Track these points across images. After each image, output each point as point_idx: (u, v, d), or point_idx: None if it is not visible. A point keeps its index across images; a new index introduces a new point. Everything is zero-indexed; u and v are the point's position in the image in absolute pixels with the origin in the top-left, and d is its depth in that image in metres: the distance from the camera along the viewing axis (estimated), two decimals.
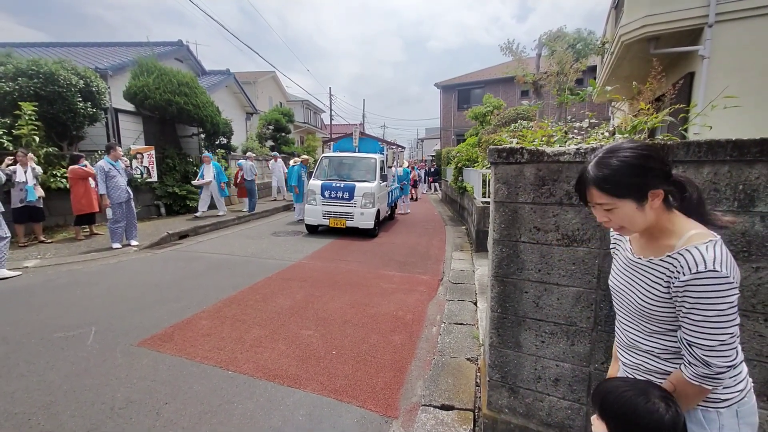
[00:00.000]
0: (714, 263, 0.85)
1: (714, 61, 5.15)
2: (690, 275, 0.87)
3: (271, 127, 18.44)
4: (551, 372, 1.83)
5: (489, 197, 2.34)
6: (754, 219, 1.38)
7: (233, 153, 12.90)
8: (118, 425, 2.09)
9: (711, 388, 0.91)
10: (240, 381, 2.53)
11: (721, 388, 0.94)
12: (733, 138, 1.38)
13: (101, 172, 5.97)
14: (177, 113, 9.38)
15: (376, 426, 2.15)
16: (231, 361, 2.77)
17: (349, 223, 7.43)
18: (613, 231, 1.19)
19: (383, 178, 8.39)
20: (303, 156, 10.72)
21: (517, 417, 1.94)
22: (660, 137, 1.84)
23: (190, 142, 11.27)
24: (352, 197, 7.39)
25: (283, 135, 18.72)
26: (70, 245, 6.29)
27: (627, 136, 2.05)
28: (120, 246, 6.21)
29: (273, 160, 13.82)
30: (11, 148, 6.32)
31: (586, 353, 1.75)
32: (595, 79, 9.68)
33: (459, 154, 10.39)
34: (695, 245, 0.89)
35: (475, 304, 3.93)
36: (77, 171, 6.32)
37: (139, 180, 8.58)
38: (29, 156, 5.99)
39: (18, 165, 5.83)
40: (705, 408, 0.96)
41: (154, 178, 9.04)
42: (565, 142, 2.21)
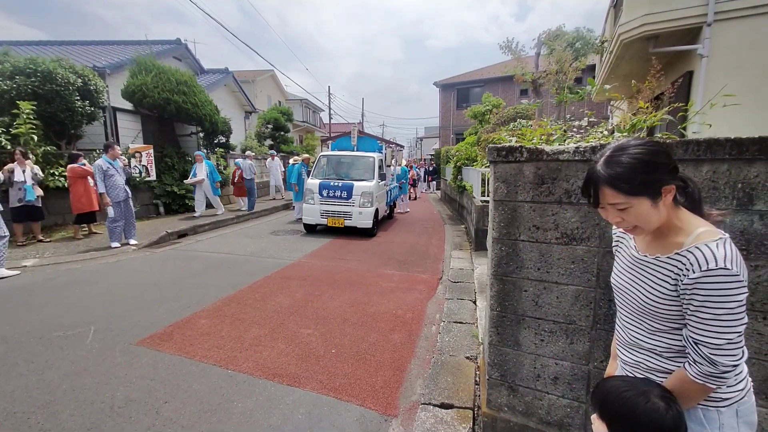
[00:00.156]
0: (725, 261, 0.84)
1: (713, 60, 5.16)
2: (700, 273, 0.86)
3: (270, 126, 18.42)
4: (550, 370, 1.84)
5: (488, 196, 2.35)
6: (752, 217, 1.39)
7: (232, 152, 12.87)
8: (117, 424, 2.10)
9: (715, 387, 0.90)
10: (239, 380, 2.54)
11: (724, 386, 0.93)
12: (732, 137, 1.38)
13: (99, 171, 5.96)
14: (175, 112, 9.36)
15: (375, 424, 2.15)
16: (230, 360, 2.77)
17: (348, 223, 7.40)
18: (616, 228, 1.17)
19: (382, 177, 8.35)
20: (304, 155, 10.71)
21: (517, 415, 1.95)
22: (659, 136, 1.84)
23: (188, 140, 11.25)
24: (350, 196, 7.36)
25: (282, 134, 18.70)
26: (68, 244, 6.29)
27: (626, 134, 2.05)
28: (119, 245, 6.20)
29: (270, 158, 13.78)
30: (9, 147, 6.30)
31: (585, 352, 1.75)
32: (594, 78, 9.69)
33: (458, 152, 10.38)
34: (705, 243, 0.88)
35: (475, 302, 3.93)
36: (76, 170, 6.30)
37: (138, 179, 8.56)
38: (27, 162, 5.98)
39: (16, 164, 5.82)
40: (705, 407, 0.95)
41: (152, 177, 9.03)
42: (564, 140, 2.21)
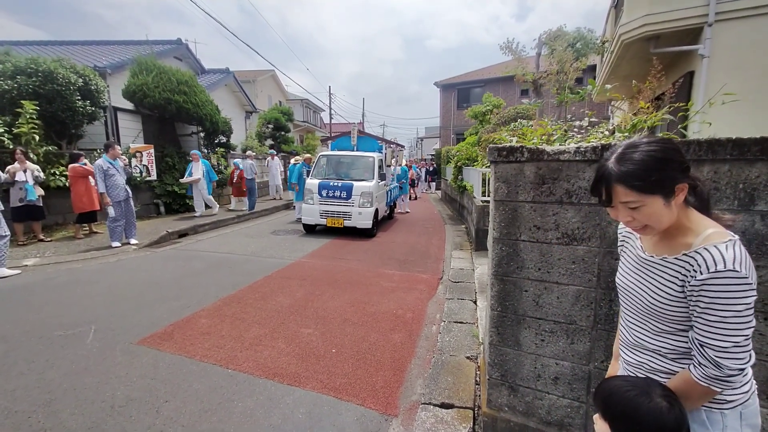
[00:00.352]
0: (734, 263, 0.83)
1: (714, 61, 5.15)
2: (708, 274, 0.85)
3: (271, 126, 18.41)
4: (551, 370, 1.84)
5: (489, 196, 2.34)
6: (754, 218, 1.39)
7: (233, 152, 12.87)
8: (118, 423, 2.10)
9: (719, 390, 0.89)
10: (240, 379, 2.54)
11: (727, 389, 0.92)
12: (734, 137, 1.38)
13: (100, 170, 5.96)
14: (176, 112, 9.37)
15: (375, 424, 2.15)
16: (231, 360, 2.77)
17: (347, 223, 7.37)
18: (621, 227, 1.16)
19: (382, 177, 8.33)
20: (305, 155, 10.68)
21: (517, 415, 1.94)
22: (660, 136, 1.83)
23: (189, 140, 11.25)
24: (349, 196, 7.33)
25: (283, 134, 18.70)
26: (69, 244, 6.29)
27: (627, 134, 2.05)
28: (119, 245, 6.21)
29: (270, 158, 13.75)
30: (11, 146, 6.31)
31: (585, 352, 1.75)
32: (595, 78, 9.68)
33: (459, 153, 10.38)
34: (714, 244, 0.87)
35: (475, 302, 3.93)
36: (77, 169, 6.31)
37: (138, 179, 8.57)
38: (28, 163, 5.99)
39: (17, 164, 5.83)
40: (709, 409, 0.94)
41: (153, 176, 9.04)
42: (565, 140, 2.21)
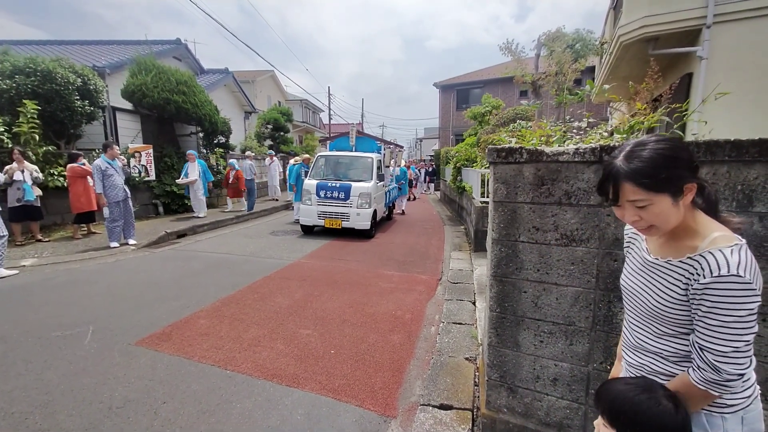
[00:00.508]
0: (738, 268, 0.82)
1: (712, 62, 5.17)
2: (711, 278, 0.84)
3: (270, 126, 18.41)
4: (550, 372, 1.84)
5: (488, 197, 2.35)
6: (752, 219, 1.39)
7: (232, 152, 12.86)
8: (115, 424, 2.09)
9: (717, 394, 0.89)
10: (238, 380, 2.53)
11: (728, 393, 0.91)
12: (732, 138, 1.38)
13: (98, 170, 5.95)
14: (175, 112, 9.35)
15: (374, 425, 2.15)
16: (229, 361, 2.77)
17: (345, 224, 7.34)
18: (628, 228, 1.15)
19: (380, 177, 8.31)
20: (304, 155, 10.67)
21: (516, 416, 1.94)
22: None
23: (188, 140, 11.23)
24: (348, 197, 7.29)
25: (282, 134, 18.69)
26: (67, 244, 6.28)
27: (625, 135, 2.06)
28: (118, 245, 6.19)
29: (269, 158, 13.74)
30: (10, 146, 6.29)
31: (584, 353, 1.75)
32: (594, 80, 9.70)
33: (458, 153, 10.39)
34: (719, 248, 0.86)
35: (474, 303, 3.93)
36: (76, 169, 6.29)
37: (137, 179, 8.55)
38: (26, 163, 5.98)
39: (14, 164, 5.81)
40: (710, 412, 0.93)
41: (152, 176, 9.02)
42: (564, 141, 2.21)
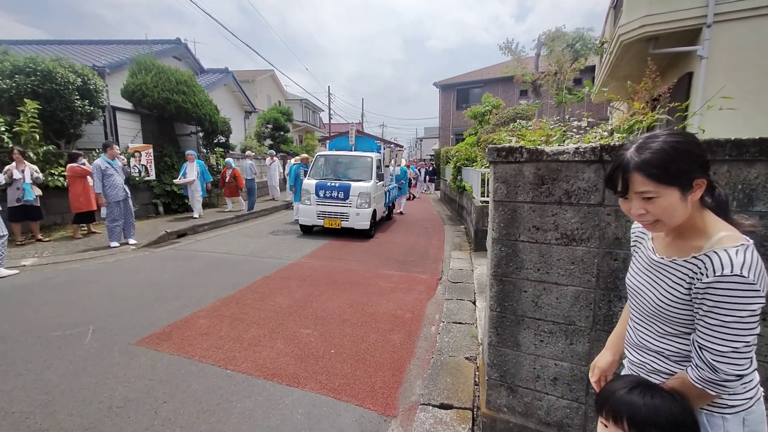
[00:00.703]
0: (741, 268, 0.81)
1: (712, 62, 5.17)
2: (713, 278, 0.83)
3: (270, 126, 18.41)
4: (550, 371, 1.83)
5: (488, 196, 2.35)
6: (752, 218, 1.39)
7: (231, 152, 12.85)
8: (116, 424, 2.09)
9: (714, 394, 0.88)
10: (238, 380, 2.53)
11: (729, 394, 0.90)
12: (732, 138, 1.38)
13: (98, 170, 5.95)
14: (175, 111, 9.35)
15: (374, 425, 2.15)
16: (229, 360, 2.77)
17: (345, 224, 7.31)
18: (635, 227, 1.14)
19: (380, 177, 8.28)
20: (302, 155, 10.66)
21: (516, 416, 1.94)
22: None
23: (188, 140, 11.23)
24: (347, 197, 7.27)
25: (282, 134, 18.70)
26: (67, 244, 6.28)
27: (624, 135, 2.05)
28: (118, 245, 6.19)
29: (269, 158, 13.74)
30: (10, 145, 6.29)
31: (585, 352, 1.75)
32: (594, 79, 9.70)
33: (458, 153, 10.39)
34: (724, 248, 0.85)
35: (474, 303, 3.93)
36: (75, 169, 6.30)
37: (137, 178, 8.55)
38: (26, 163, 5.99)
39: (15, 164, 5.81)
40: (710, 412, 0.93)
41: (152, 176, 9.01)
42: (564, 141, 2.21)
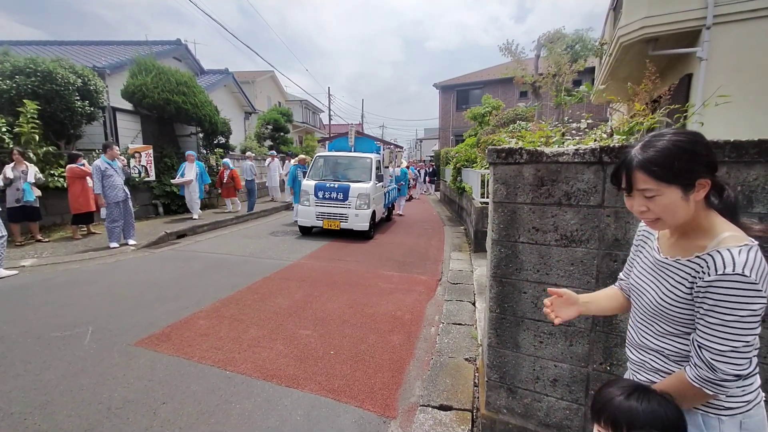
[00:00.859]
0: (744, 268, 0.80)
1: (712, 63, 5.17)
2: (715, 276, 0.83)
3: (270, 127, 18.41)
4: (550, 372, 1.83)
5: (488, 197, 2.35)
6: (752, 220, 1.38)
7: (231, 152, 12.85)
8: (114, 425, 2.09)
9: (712, 393, 0.87)
10: (238, 381, 2.53)
11: (726, 395, 0.90)
12: (732, 139, 1.38)
13: (97, 171, 5.95)
14: (175, 112, 9.35)
15: (374, 426, 2.14)
16: (229, 361, 2.76)
17: (344, 225, 7.29)
18: (642, 227, 1.14)
19: (379, 178, 8.26)
20: (300, 156, 10.65)
21: (516, 417, 1.94)
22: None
23: (188, 141, 11.23)
24: (346, 198, 7.25)
25: (282, 135, 18.70)
26: (67, 244, 6.27)
27: (624, 137, 2.06)
28: (117, 245, 6.18)
29: (270, 159, 13.75)
30: (10, 146, 6.29)
31: (584, 354, 1.75)
32: (594, 81, 9.71)
33: (458, 154, 10.39)
34: (728, 247, 0.84)
35: (474, 304, 3.93)
36: (75, 170, 6.30)
37: (137, 179, 8.55)
38: (26, 164, 5.99)
39: (14, 164, 5.81)
40: (706, 413, 0.93)
41: (152, 177, 9.01)
42: (563, 143, 2.21)
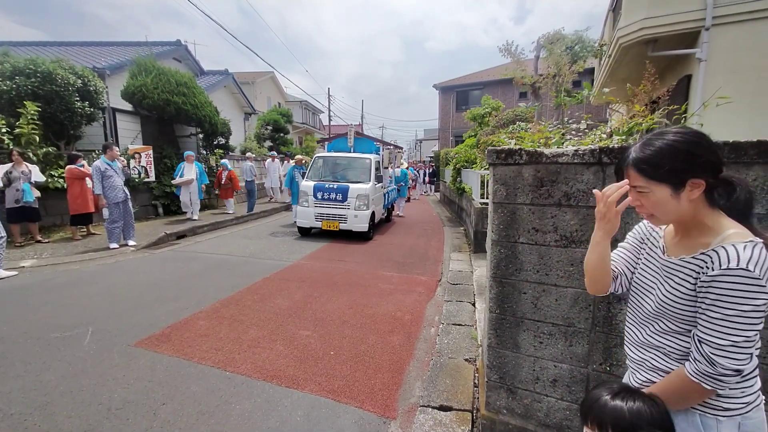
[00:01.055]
0: (748, 263, 0.79)
1: (711, 64, 5.19)
2: (719, 271, 0.82)
3: (270, 128, 18.43)
4: (549, 373, 1.84)
5: (487, 198, 2.35)
6: (751, 221, 1.39)
7: (231, 153, 12.85)
8: (114, 426, 2.08)
9: (710, 389, 0.87)
10: (238, 381, 2.53)
11: (725, 396, 0.90)
12: (731, 140, 1.39)
13: (97, 172, 5.94)
14: (175, 113, 9.36)
15: (374, 427, 2.14)
16: (229, 362, 2.76)
17: (343, 226, 7.28)
18: (644, 223, 1.14)
19: (378, 179, 8.24)
20: (297, 156, 10.62)
21: (516, 418, 1.94)
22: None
23: (188, 142, 11.24)
24: (345, 199, 7.23)
25: (282, 135, 18.72)
26: (67, 245, 6.27)
27: (624, 137, 2.06)
28: (117, 246, 6.18)
29: (270, 159, 13.76)
30: (10, 146, 6.29)
31: (584, 354, 1.75)
32: (593, 81, 9.73)
33: (457, 155, 10.40)
34: (732, 243, 0.84)
35: (474, 304, 3.93)
36: (74, 171, 6.29)
37: (137, 180, 8.55)
38: (25, 164, 5.99)
39: (13, 165, 5.81)
40: (704, 413, 0.92)
41: (151, 178, 9.02)
42: (563, 143, 2.22)
